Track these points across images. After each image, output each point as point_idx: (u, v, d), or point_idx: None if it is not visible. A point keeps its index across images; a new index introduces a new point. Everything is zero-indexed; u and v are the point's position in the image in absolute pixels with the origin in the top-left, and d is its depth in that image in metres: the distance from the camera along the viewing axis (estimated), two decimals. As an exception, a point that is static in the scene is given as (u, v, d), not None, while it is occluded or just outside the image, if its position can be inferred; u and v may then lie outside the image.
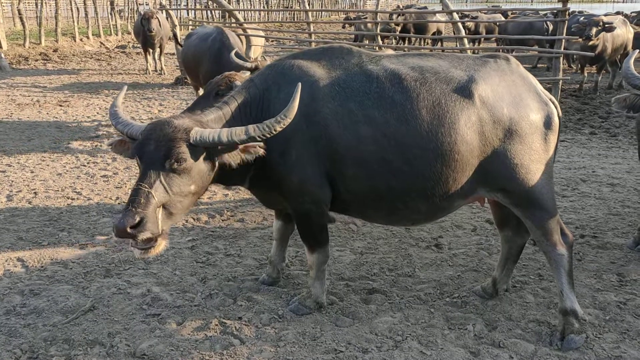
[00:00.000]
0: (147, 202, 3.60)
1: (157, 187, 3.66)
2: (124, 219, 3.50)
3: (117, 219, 3.51)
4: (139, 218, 3.54)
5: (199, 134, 3.80)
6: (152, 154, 3.72)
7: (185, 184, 3.82)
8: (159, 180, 3.68)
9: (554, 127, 4.29)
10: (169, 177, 3.73)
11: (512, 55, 7.16)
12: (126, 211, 3.54)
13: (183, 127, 3.81)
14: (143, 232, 3.57)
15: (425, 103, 4.11)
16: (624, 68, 4.83)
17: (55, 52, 22.61)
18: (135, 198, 3.59)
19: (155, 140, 3.74)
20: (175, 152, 3.71)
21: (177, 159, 3.72)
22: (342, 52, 4.49)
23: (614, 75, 16.19)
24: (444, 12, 15.82)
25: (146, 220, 3.57)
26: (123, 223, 3.49)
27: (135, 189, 3.63)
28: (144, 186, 3.63)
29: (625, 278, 5.34)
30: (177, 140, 3.74)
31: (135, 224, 3.52)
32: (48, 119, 12.16)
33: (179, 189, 3.79)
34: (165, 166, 3.71)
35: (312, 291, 4.73)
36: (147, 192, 3.62)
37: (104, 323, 4.55)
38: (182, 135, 3.76)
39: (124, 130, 3.97)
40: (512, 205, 4.33)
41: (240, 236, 6.35)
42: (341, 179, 4.28)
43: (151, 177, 3.67)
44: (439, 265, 5.66)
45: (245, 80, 4.48)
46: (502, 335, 4.41)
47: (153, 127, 3.84)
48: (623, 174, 8.72)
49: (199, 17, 34.65)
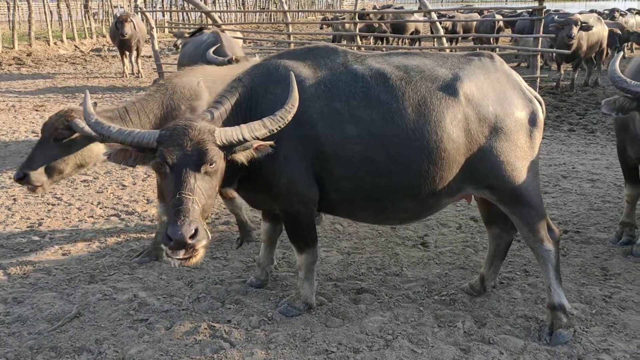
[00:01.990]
0: (194, 210, 3.53)
1: (198, 192, 3.61)
2: (182, 230, 3.41)
3: (172, 231, 3.41)
4: (195, 227, 3.47)
5: (224, 134, 3.75)
6: (185, 159, 3.62)
7: (215, 186, 3.81)
8: (197, 185, 3.61)
9: (539, 124, 4.33)
10: (204, 180, 3.68)
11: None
12: (180, 222, 3.44)
13: (207, 128, 3.74)
14: (200, 241, 3.52)
15: (411, 102, 4.12)
16: (610, 71, 4.86)
17: (29, 57, 22.22)
18: (182, 207, 3.49)
19: (185, 145, 3.64)
20: (209, 155, 3.65)
21: (211, 162, 3.68)
22: (327, 52, 4.49)
23: (589, 73, 16.44)
24: (421, 11, 15.92)
25: (200, 229, 3.52)
26: (182, 235, 3.40)
27: (178, 198, 3.52)
28: (186, 194, 3.54)
29: (609, 272, 5.42)
30: (207, 143, 3.67)
31: (193, 234, 3.46)
32: (24, 124, 11.94)
33: (211, 191, 3.77)
34: (200, 170, 3.65)
35: (301, 292, 4.70)
36: (192, 199, 3.55)
37: (91, 329, 4.47)
38: (209, 137, 3.70)
39: (129, 139, 3.76)
40: (499, 202, 4.36)
41: (226, 239, 6.30)
42: (329, 178, 4.27)
43: (190, 183, 3.58)
44: (426, 263, 5.68)
45: (233, 80, 4.43)
46: (492, 332, 4.44)
47: (176, 132, 3.70)
48: (602, 169, 8.85)
49: (175, 19, 34.41)
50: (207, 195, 3.71)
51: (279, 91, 4.22)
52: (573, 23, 14.17)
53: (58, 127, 4.86)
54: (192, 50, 9.34)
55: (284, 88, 4.16)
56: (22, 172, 4.91)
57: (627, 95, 4.73)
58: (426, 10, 15.12)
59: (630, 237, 5.99)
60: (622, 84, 4.72)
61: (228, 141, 3.76)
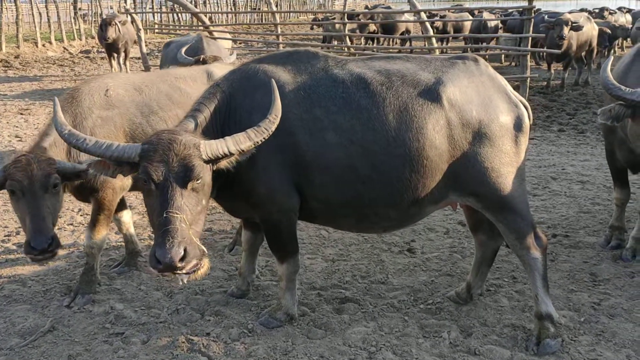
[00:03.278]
0: (182, 228, 3.40)
1: (185, 210, 3.47)
2: (170, 253, 3.29)
3: (161, 255, 3.29)
4: (183, 248, 3.35)
5: (210, 148, 3.61)
6: (171, 176, 3.48)
7: (202, 200, 3.69)
8: (184, 202, 3.48)
9: (525, 129, 4.22)
10: (191, 197, 3.55)
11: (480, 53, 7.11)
12: (169, 244, 3.31)
13: (192, 142, 3.59)
14: (190, 262, 3.40)
15: (392, 107, 4.01)
16: (602, 78, 4.72)
17: (17, 59, 22.00)
18: (170, 227, 3.36)
19: (170, 161, 3.49)
20: (196, 171, 3.52)
21: (198, 178, 3.54)
22: (308, 57, 4.36)
23: (580, 72, 16.38)
24: (411, 11, 15.83)
25: (190, 248, 3.39)
26: (171, 259, 3.29)
27: (166, 218, 3.38)
28: (173, 213, 3.41)
29: (598, 277, 5.31)
30: (193, 158, 3.53)
31: (182, 256, 3.34)
32: (8, 128, 11.75)
33: (200, 207, 3.65)
34: (187, 187, 3.51)
35: (283, 303, 4.57)
36: (180, 217, 3.42)
37: (64, 345, 4.33)
38: (195, 151, 3.56)
39: (107, 153, 3.59)
40: (485, 210, 4.24)
41: (207, 246, 6.14)
42: (309, 187, 4.15)
43: (177, 201, 3.45)
44: (412, 270, 5.56)
45: (211, 86, 4.30)
46: (478, 342, 4.32)
47: (160, 147, 3.54)
48: (592, 170, 8.76)
49: (165, 20, 34.21)
50: (196, 212, 3.59)
51: (258, 96, 4.10)
52: (564, 23, 14.11)
53: (47, 181, 4.24)
54: (174, 52, 9.17)
55: (263, 93, 4.04)
56: (49, 236, 4.20)
57: (621, 102, 4.61)
58: (415, 10, 15.01)
59: (619, 241, 5.89)
60: (617, 92, 4.59)
61: (214, 155, 3.63)
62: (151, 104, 5.17)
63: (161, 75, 5.70)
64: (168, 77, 5.50)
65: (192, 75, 5.67)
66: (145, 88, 5.23)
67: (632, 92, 4.54)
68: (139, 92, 5.18)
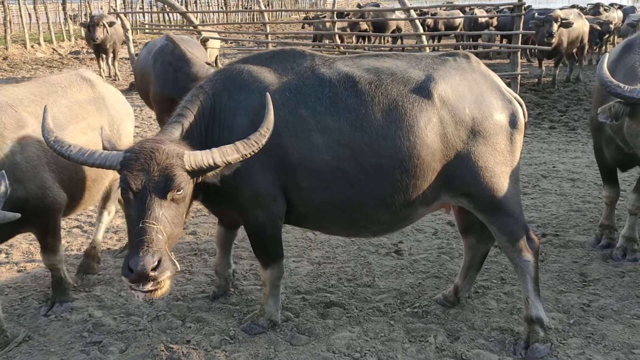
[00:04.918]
0: (158, 239, 3.30)
1: (162, 221, 3.37)
2: (143, 261, 3.18)
3: (134, 263, 3.18)
4: (158, 258, 3.24)
5: (193, 159, 3.50)
6: (151, 185, 3.38)
7: (182, 213, 3.59)
8: (162, 213, 3.38)
9: (520, 127, 4.11)
10: (170, 208, 3.45)
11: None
12: (142, 252, 3.21)
13: (175, 152, 3.48)
14: (164, 272, 3.28)
15: (381, 106, 3.89)
16: (599, 76, 4.58)
17: (5, 60, 21.76)
18: (145, 237, 3.26)
19: (150, 171, 3.39)
20: (176, 181, 3.41)
21: (179, 189, 3.44)
22: (294, 56, 4.25)
23: (571, 69, 16.32)
24: (402, 9, 15.72)
25: (164, 259, 3.28)
26: (144, 267, 3.17)
27: (142, 228, 3.29)
28: (150, 223, 3.31)
29: (588, 278, 5.22)
30: (174, 168, 3.43)
31: (156, 266, 3.22)
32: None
33: (178, 218, 3.54)
34: (166, 197, 3.41)
35: (266, 309, 4.46)
36: (156, 228, 3.31)
37: (39, 355, 4.19)
38: (177, 161, 3.45)
39: (90, 161, 3.52)
40: (477, 211, 4.13)
41: (191, 250, 6.03)
42: (296, 190, 4.03)
43: (154, 211, 3.35)
44: (399, 273, 5.45)
45: (194, 88, 4.18)
46: (465, 346, 4.22)
47: (142, 156, 3.44)
48: (583, 168, 8.67)
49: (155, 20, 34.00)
50: (174, 224, 3.48)
51: (243, 98, 4.00)
52: (553, 20, 14.03)
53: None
54: (144, 55, 8.87)
55: (248, 94, 3.94)
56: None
57: (620, 100, 4.49)
58: (405, 8, 14.90)
59: (609, 240, 5.80)
60: (616, 90, 4.45)
61: (198, 166, 3.51)
62: None
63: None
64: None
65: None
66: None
67: (631, 89, 4.42)
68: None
